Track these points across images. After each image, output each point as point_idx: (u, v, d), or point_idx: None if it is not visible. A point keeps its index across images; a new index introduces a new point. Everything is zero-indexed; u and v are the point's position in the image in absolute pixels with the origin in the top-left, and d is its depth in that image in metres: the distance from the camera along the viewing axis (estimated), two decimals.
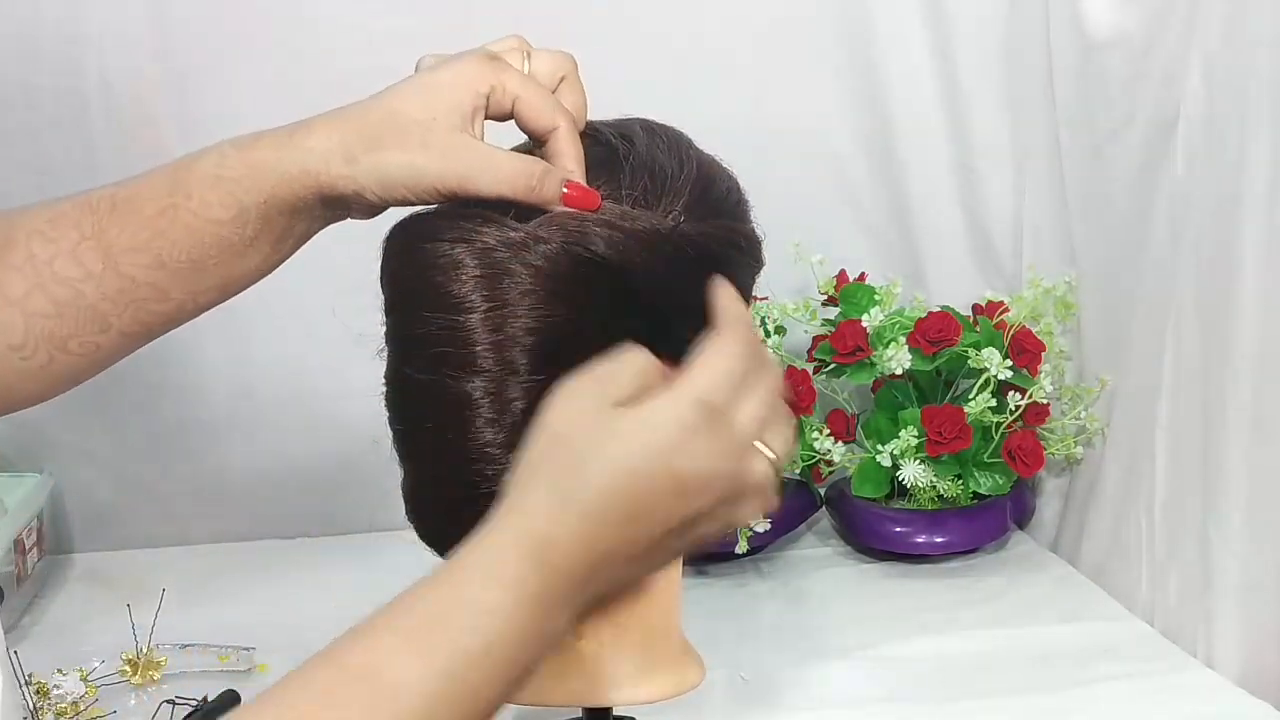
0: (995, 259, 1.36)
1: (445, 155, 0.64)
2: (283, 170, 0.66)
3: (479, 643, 0.52)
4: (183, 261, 0.67)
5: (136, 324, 0.69)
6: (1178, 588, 1.07)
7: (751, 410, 0.58)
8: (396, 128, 0.65)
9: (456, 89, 0.66)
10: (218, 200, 0.66)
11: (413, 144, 0.64)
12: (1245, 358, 0.97)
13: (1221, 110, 0.99)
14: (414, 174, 0.64)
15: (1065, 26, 1.20)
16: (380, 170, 0.65)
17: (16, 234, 0.68)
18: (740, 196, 0.70)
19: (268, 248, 0.68)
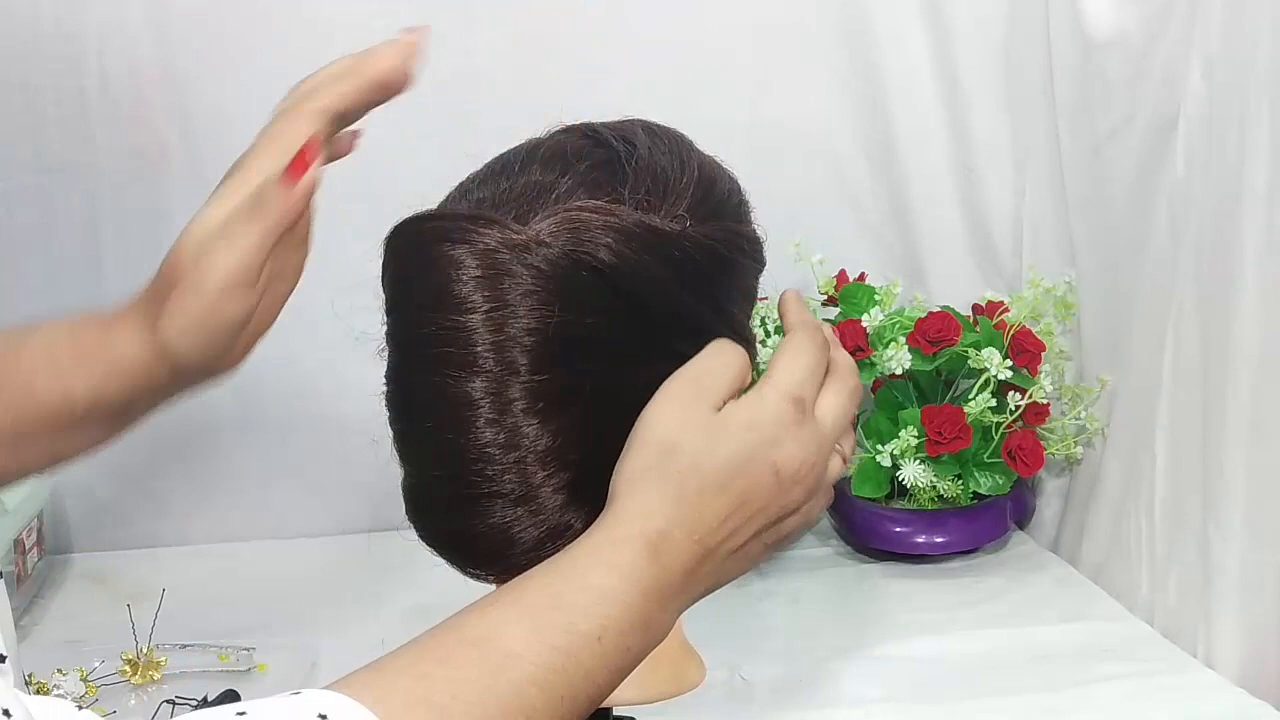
0: (995, 259, 1.36)
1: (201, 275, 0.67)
2: (104, 360, 0.66)
3: (593, 626, 0.55)
4: (6, 435, 0.66)
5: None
6: (1178, 588, 1.07)
7: (833, 405, 0.62)
8: (166, 282, 0.67)
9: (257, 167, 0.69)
10: (43, 384, 0.66)
11: (198, 284, 0.67)
12: (1245, 358, 0.97)
13: (1221, 110, 0.99)
14: (214, 319, 0.68)
15: (1065, 26, 1.20)
16: (183, 326, 0.67)
17: None
18: (742, 198, 0.70)
19: (102, 429, 0.68)
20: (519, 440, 0.61)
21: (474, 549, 0.63)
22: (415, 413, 0.64)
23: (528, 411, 0.61)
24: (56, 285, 1.25)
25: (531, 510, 0.62)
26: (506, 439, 0.62)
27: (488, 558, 0.63)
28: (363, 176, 0.83)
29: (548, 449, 0.62)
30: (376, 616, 1.09)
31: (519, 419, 0.61)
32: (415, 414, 0.64)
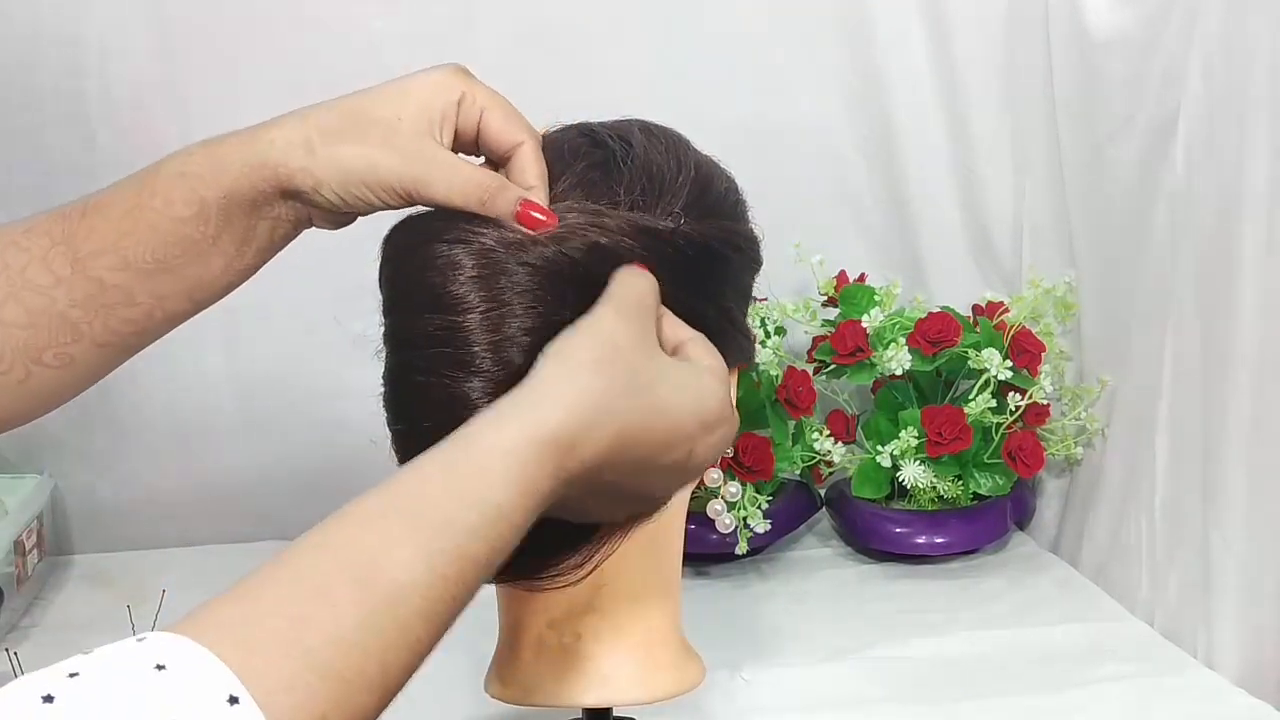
0: (995, 259, 1.36)
1: (405, 156, 0.64)
2: (243, 163, 0.65)
3: (484, 549, 0.51)
4: (148, 262, 0.67)
5: (108, 332, 0.68)
6: (1178, 588, 1.07)
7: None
8: (360, 124, 0.65)
9: (426, 94, 0.66)
10: (180, 197, 0.66)
11: (374, 140, 0.65)
12: (1245, 358, 0.97)
13: (1221, 110, 0.99)
14: (371, 170, 0.64)
15: (1065, 26, 1.20)
16: (338, 163, 0.65)
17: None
18: (739, 197, 0.70)
19: (231, 249, 0.68)
20: None
21: None
22: (413, 413, 0.64)
23: None
24: None
25: None
26: None
27: None
28: None
29: None
30: None
31: None
32: (413, 414, 0.64)
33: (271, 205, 0.67)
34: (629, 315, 0.59)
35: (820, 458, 1.24)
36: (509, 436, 0.53)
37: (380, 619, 0.47)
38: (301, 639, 0.45)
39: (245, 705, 0.42)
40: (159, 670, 0.42)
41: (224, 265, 0.68)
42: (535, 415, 0.53)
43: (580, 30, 1.28)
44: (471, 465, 0.52)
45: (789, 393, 1.20)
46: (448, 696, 0.96)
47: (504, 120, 0.67)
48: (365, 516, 0.50)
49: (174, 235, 0.67)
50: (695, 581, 1.20)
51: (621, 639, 0.69)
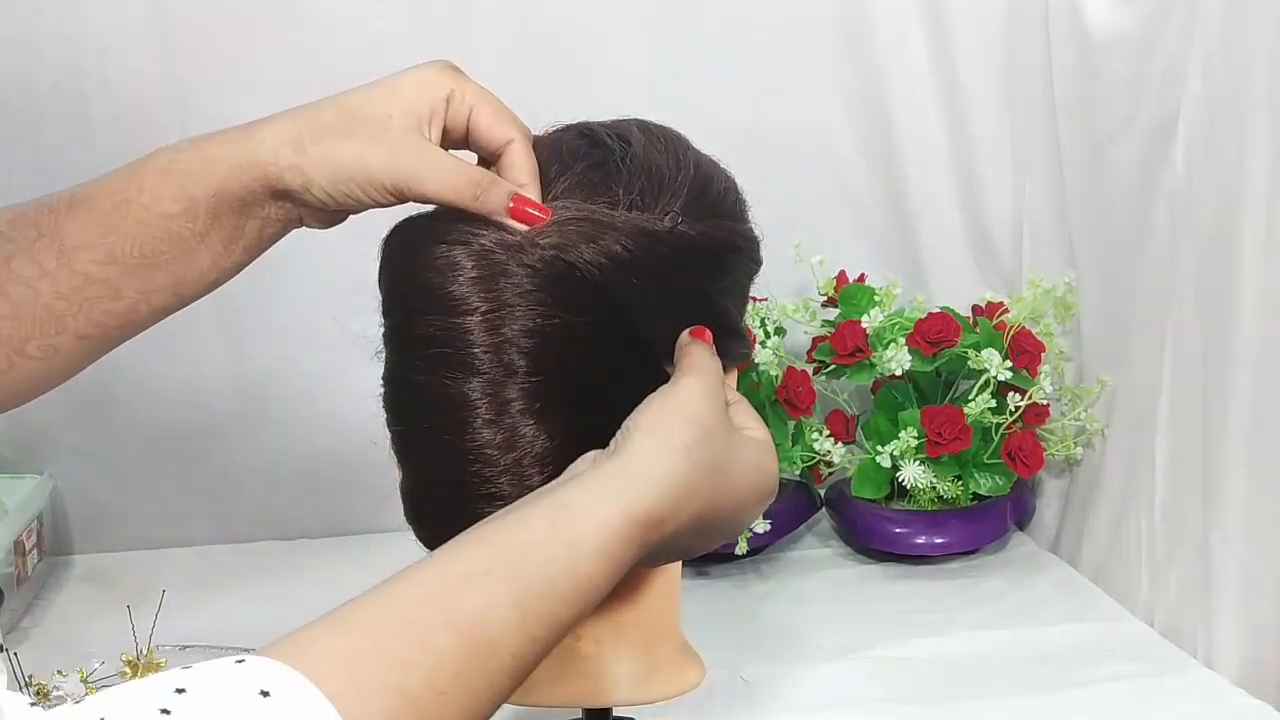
0: (995, 260, 1.36)
1: (395, 152, 0.64)
2: (232, 162, 0.65)
3: (571, 614, 0.54)
4: (134, 257, 0.67)
5: (91, 325, 0.68)
6: (1178, 588, 1.07)
7: None
8: (349, 122, 0.65)
9: (415, 91, 0.66)
10: (168, 193, 0.66)
11: (363, 137, 0.65)
12: (1245, 358, 0.97)
13: (1221, 110, 0.99)
14: (361, 167, 0.64)
15: (1065, 26, 1.20)
16: (328, 161, 0.65)
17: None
18: (738, 196, 0.70)
19: (219, 246, 0.68)
20: (516, 441, 0.61)
21: None
22: (413, 414, 0.65)
23: (525, 412, 0.61)
24: None
25: None
26: (504, 440, 0.62)
27: None
28: None
29: (545, 450, 0.62)
30: None
31: (516, 420, 0.62)
32: (413, 415, 0.65)
33: (261, 205, 0.67)
34: (714, 395, 0.62)
35: (820, 458, 1.24)
36: (606, 513, 0.56)
37: (474, 672, 0.50)
38: (405, 684, 0.47)
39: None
40: (264, 696, 0.44)
41: (211, 262, 0.68)
42: (633, 493, 0.57)
43: (580, 30, 1.28)
44: (569, 535, 0.55)
45: (789, 393, 1.20)
46: None
47: (493, 117, 0.67)
48: (470, 574, 0.52)
49: (162, 232, 0.66)
50: (695, 581, 1.20)
51: (621, 639, 0.69)
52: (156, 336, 1.24)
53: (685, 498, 0.58)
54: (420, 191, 0.64)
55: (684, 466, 0.58)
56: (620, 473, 0.57)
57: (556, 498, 0.56)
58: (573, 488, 0.57)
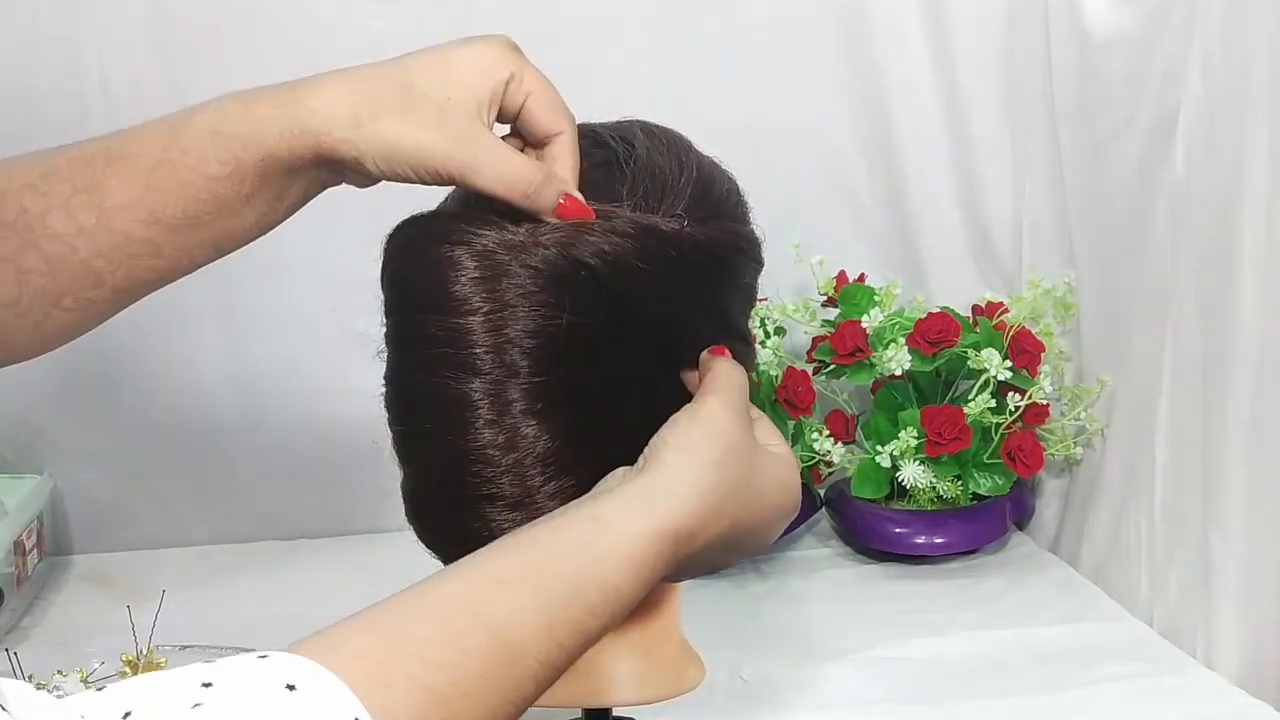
0: (995, 259, 1.36)
1: (454, 140, 0.63)
2: (283, 127, 0.64)
3: (599, 624, 0.55)
4: (178, 218, 0.65)
5: (130, 280, 0.67)
6: (1177, 588, 1.07)
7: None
8: (409, 101, 0.64)
9: (477, 71, 0.65)
10: (215, 156, 0.65)
11: (422, 120, 0.63)
12: (1245, 358, 0.97)
13: (1221, 110, 0.99)
14: (419, 152, 0.63)
15: (1065, 26, 1.20)
16: (386, 141, 0.63)
17: (7, 188, 0.66)
18: (740, 198, 0.70)
19: (264, 205, 0.67)
20: (518, 442, 0.61)
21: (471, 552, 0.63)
22: (414, 414, 0.65)
23: (526, 413, 0.61)
24: None
25: (529, 514, 0.61)
26: (505, 440, 0.62)
27: None
28: None
29: (546, 451, 0.62)
30: None
31: (518, 420, 0.62)
32: (414, 415, 0.65)
33: (309, 169, 0.66)
34: (739, 412, 0.63)
35: (820, 458, 1.24)
36: (637, 526, 0.56)
37: (500, 674, 0.51)
38: (431, 682, 0.48)
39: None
40: (290, 690, 0.44)
41: (255, 220, 0.67)
42: (664, 508, 0.57)
43: (580, 30, 1.28)
44: (600, 547, 0.56)
45: (789, 393, 1.20)
46: None
47: (549, 108, 0.66)
48: (501, 580, 0.53)
49: (207, 193, 0.65)
50: (695, 582, 1.18)
51: (621, 639, 0.69)
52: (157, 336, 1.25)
53: (714, 513, 0.59)
54: (474, 182, 0.63)
55: (712, 482, 0.59)
56: (651, 488, 0.58)
57: (588, 510, 0.57)
58: (605, 501, 0.58)
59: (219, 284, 1.19)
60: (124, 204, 0.65)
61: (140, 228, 0.65)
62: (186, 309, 1.24)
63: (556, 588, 0.54)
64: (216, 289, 1.23)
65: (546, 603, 0.53)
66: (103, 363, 1.24)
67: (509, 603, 0.52)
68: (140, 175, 0.65)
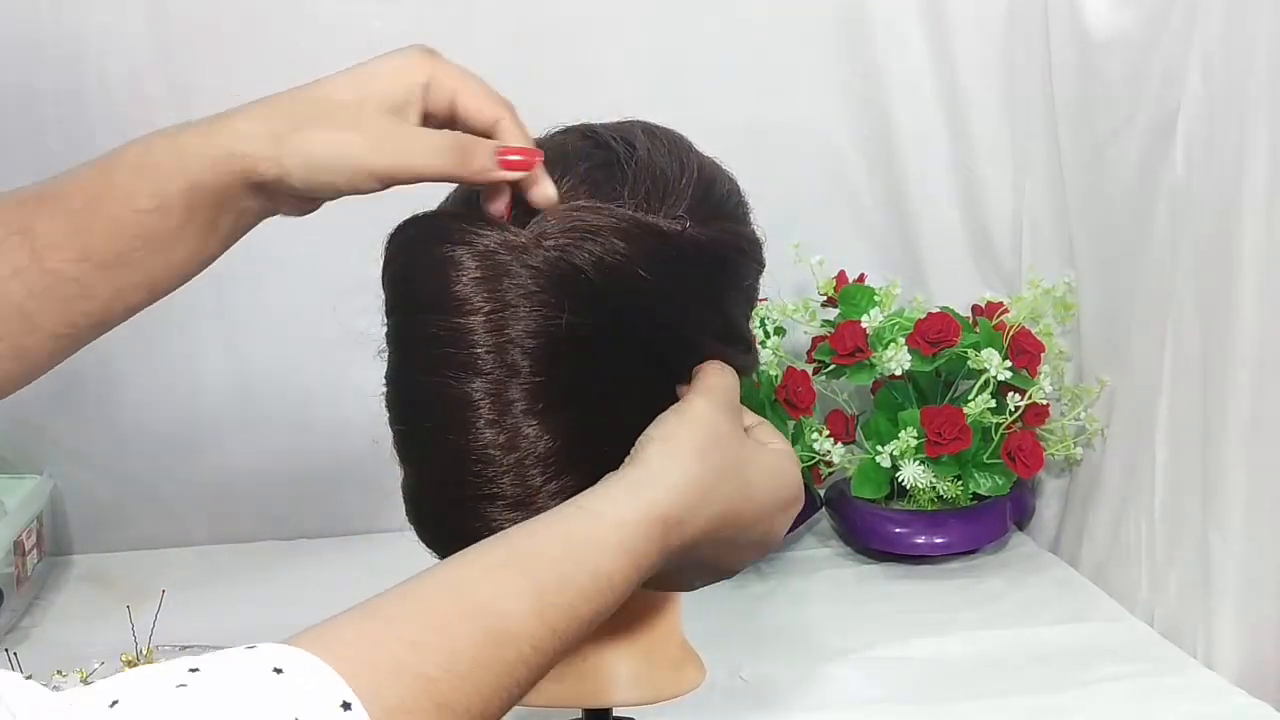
0: (995, 259, 1.36)
1: (374, 137, 0.63)
2: (207, 154, 0.64)
3: (591, 609, 0.55)
4: (108, 256, 0.65)
5: (64, 325, 0.67)
6: (1177, 588, 1.07)
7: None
8: (324, 109, 0.64)
9: (390, 77, 0.65)
10: (142, 189, 0.65)
11: (340, 124, 0.63)
12: (1245, 358, 0.97)
13: (1221, 110, 0.99)
14: (340, 154, 0.63)
15: (1065, 26, 1.20)
16: (306, 150, 0.63)
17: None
18: (741, 198, 0.70)
19: (194, 241, 0.66)
20: (518, 442, 0.61)
21: None
22: (415, 414, 0.64)
23: (528, 413, 0.61)
24: None
25: (531, 514, 0.61)
26: (506, 440, 0.62)
27: None
28: None
29: (547, 451, 0.62)
30: None
31: (519, 420, 0.61)
32: (415, 415, 0.64)
33: (237, 198, 0.65)
34: (724, 407, 0.64)
35: (820, 458, 1.24)
36: (623, 512, 0.57)
37: (491, 659, 0.51)
38: (419, 666, 0.48)
39: (356, 713, 0.45)
40: (277, 673, 0.45)
41: (186, 257, 0.67)
42: (649, 495, 0.58)
43: (580, 30, 1.28)
44: (587, 535, 0.56)
45: (788, 393, 1.20)
46: None
47: (479, 99, 0.66)
48: (488, 566, 0.54)
49: (136, 228, 0.65)
50: None
51: (621, 639, 0.69)
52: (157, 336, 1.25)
53: (700, 499, 0.60)
54: (409, 168, 0.63)
55: (696, 469, 0.60)
56: (636, 479, 0.59)
57: (575, 502, 0.58)
58: (592, 494, 0.59)
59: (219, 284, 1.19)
60: (55, 243, 0.65)
61: (71, 266, 0.65)
62: (186, 309, 1.24)
63: (546, 573, 0.54)
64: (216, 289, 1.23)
65: (536, 587, 0.53)
66: (103, 363, 1.24)
67: (498, 588, 0.53)
68: (71, 214, 0.65)
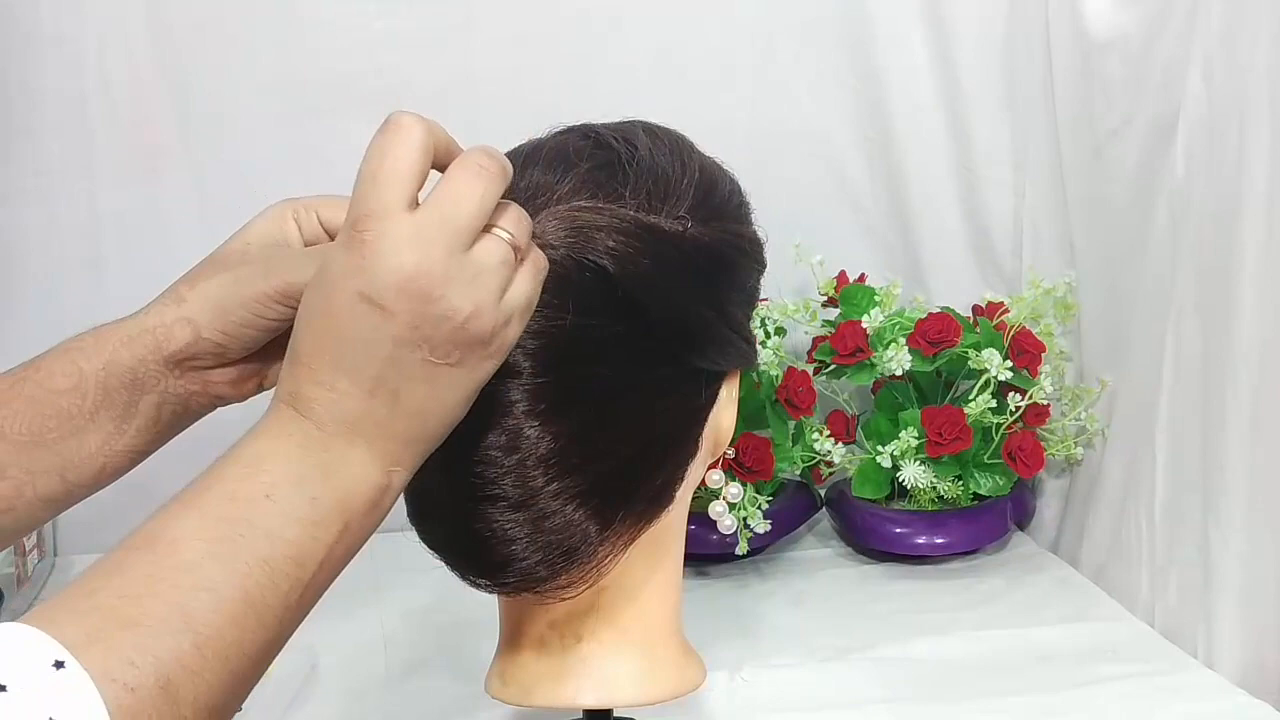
0: (995, 260, 1.36)
1: (262, 264, 0.65)
2: (123, 334, 0.66)
3: (255, 488, 0.55)
4: (22, 434, 0.66)
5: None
6: (1178, 588, 1.07)
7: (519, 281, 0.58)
8: (216, 263, 0.67)
9: (264, 221, 0.68)
10: (60, 369, 0.66)
11: (234, 264, 0.66)
12: (1245, 358, 0.97)
13: (1221, 110, 0.99)
14: (238, 288, 0.65)
15: (1065, 26, 1.20)
16: (206, 297, 0.65)
17: None
18: (742, 199, 0.70)
19: (109, 425, 0.67)
20: (519, 443, 0.61)
21: (473, 554, 0.63)
22: None
23: (529, 414, 0.61)
24: (56, 285, 1.25)
25: (532, 516, 0.61)
26: (507, 441, 0.61)
27: (488, 565, 0.63)
28: None
29: (548, 452, 0.62)
30: (377, 618, 1.09)
31: (520, 421, 0.61)
32: None
33: (155, 377, 0.66)
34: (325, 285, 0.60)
35: (820, 458, 1.24)
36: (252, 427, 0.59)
37: (161, 568, 0.51)
38: (96, 603, 0.49)
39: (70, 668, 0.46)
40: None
41: (100, 443, 0.67)
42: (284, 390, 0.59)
43: (580, 31, 1.28)
44: (229, 449, 0.58)
45: (789, 393, 1.20)
46: (448, 696, 0.96)
47: (336, 205, 0.68)
48: (160, 512, 0.55)
49: (50, 408, 0.66)
50: (695, 581, 1.20)
51: (622, 640, 0.69)
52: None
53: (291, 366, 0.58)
54: (300, 281, 0.63)
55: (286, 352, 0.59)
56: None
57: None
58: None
59: None
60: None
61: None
62: None
63: (192, 488, 0.56)
64: None
65: (186, 499, 0.55)
66: None
67: (155, 519, 0.54)
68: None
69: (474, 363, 0.57)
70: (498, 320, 0.57)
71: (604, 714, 0.73)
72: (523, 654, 0.69)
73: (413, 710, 0.97)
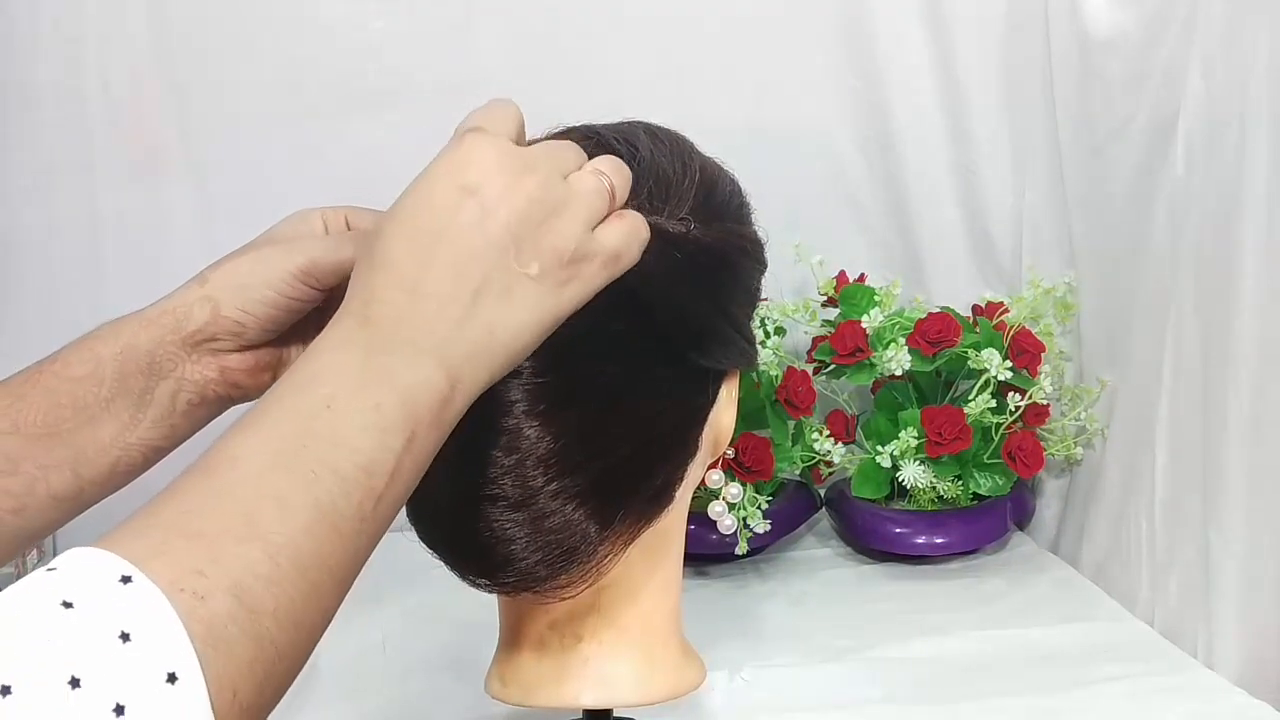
0: (995, 260, 1.36)
1: (288, 244, 0.66)
2: (142, 318, 0.66)
3: (315, 399, 0.52)
4: (36, 425, 0.65)
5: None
6: (1178, 588, 1.07)
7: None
8: (240, 250, 0.67)
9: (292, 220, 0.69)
10: (76, 357, 0.65)
11: (258, 246, 0.67)
12: (1245, 358, 0.97)
13: (1221, 110, 0.99)
14: (261, 266, 0.65)
15: (1065, 26, 1.20)
16: (228, 275, 0.66)
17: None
18: (743, 199, 0.70)
19: (124, 414, 0.66)
20: (519, 443, 0.61)
21: (473, 554, 0.63)
22: None
23: (529, 414, 0.61)
24: (56, 285, 1.25)
25: (531, 516, 0.61)
26: (507, 441, 0.61)
27: (488, 565, 0.63)
28: (364, 179, 0.83)
29: (548, 452, 0.62)
30: (377, 618, 1.09)
31: (520, 421, 0.61)
32: None
33: (173, 362, 0.66)
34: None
35: (820, 458, 1.24)
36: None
37: (222, 481, 0.49)
38: (153, 519, 0.47)
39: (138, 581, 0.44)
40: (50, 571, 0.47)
41: (114, 434, 0.66)
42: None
43: (580, 31, 1.28)
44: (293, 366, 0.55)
45: (789, 393, 1.20)
46: (448, 696, 0.96)
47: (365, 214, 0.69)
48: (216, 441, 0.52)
49: (66, 396, 0.65)
50: (695, 581, 1.20)
51: (622, 640, 0.69)
52: None
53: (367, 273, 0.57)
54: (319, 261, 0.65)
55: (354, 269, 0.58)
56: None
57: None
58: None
59: None
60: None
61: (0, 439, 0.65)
62: None
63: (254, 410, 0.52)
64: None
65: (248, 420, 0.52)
66: None
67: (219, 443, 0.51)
68: (11, 388, 0.66)
69: (550, 285, 0.57)
70: (581, 244, 0.58)
71: (604, 714, 0.73)
72: (522, 654, 0.69)
73: (413, 710, 0.97)
